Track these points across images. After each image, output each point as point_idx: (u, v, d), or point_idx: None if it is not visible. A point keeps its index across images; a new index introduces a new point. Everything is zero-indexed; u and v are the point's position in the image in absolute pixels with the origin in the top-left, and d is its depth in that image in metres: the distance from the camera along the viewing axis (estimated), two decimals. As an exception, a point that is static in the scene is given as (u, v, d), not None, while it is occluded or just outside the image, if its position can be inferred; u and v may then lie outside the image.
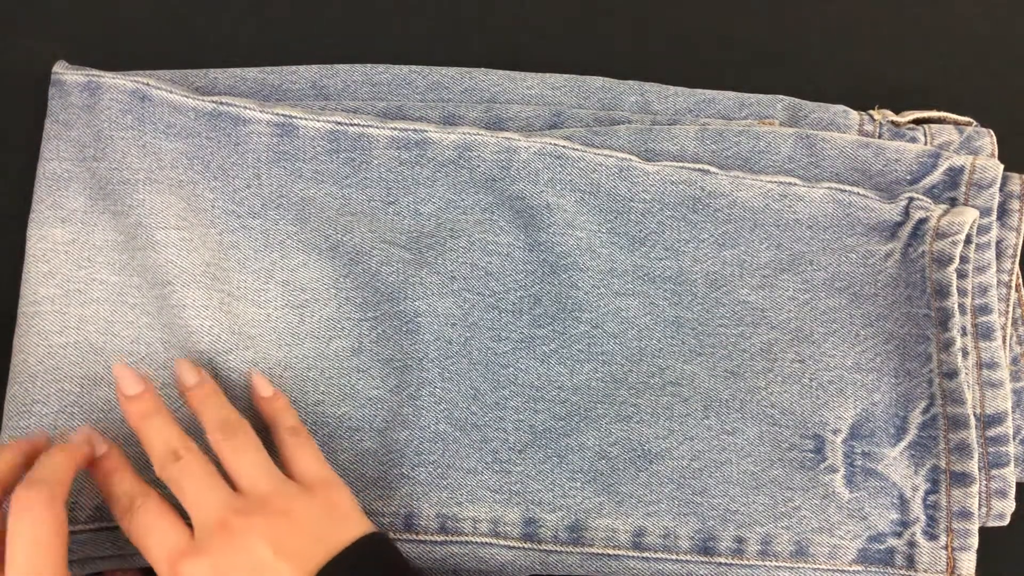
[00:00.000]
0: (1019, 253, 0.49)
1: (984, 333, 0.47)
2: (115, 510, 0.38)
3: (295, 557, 0.35)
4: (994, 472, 0.46)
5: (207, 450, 0.39)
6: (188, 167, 0.46)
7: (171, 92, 0.46)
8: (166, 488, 0.38)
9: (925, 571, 0.45)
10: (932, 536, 0.45)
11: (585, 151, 0.47)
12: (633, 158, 0.47)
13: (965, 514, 0.45)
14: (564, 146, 0.46)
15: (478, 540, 0.44)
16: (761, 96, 0.50)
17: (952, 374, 0.45)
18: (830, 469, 0.46)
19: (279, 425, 0.42)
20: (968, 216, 0.46)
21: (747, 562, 0.45)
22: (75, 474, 0.38)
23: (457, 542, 0.44)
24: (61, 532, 0.35)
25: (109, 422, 0.44)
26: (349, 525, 0.38)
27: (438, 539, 0.44)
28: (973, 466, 0.45)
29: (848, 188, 0.47)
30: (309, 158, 0.46)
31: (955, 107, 0.50)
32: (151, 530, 0.37)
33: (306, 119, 0.46)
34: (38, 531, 0.34)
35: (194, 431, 0.40)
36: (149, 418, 0.39)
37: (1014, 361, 0.48)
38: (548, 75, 0.50)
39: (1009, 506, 0.46)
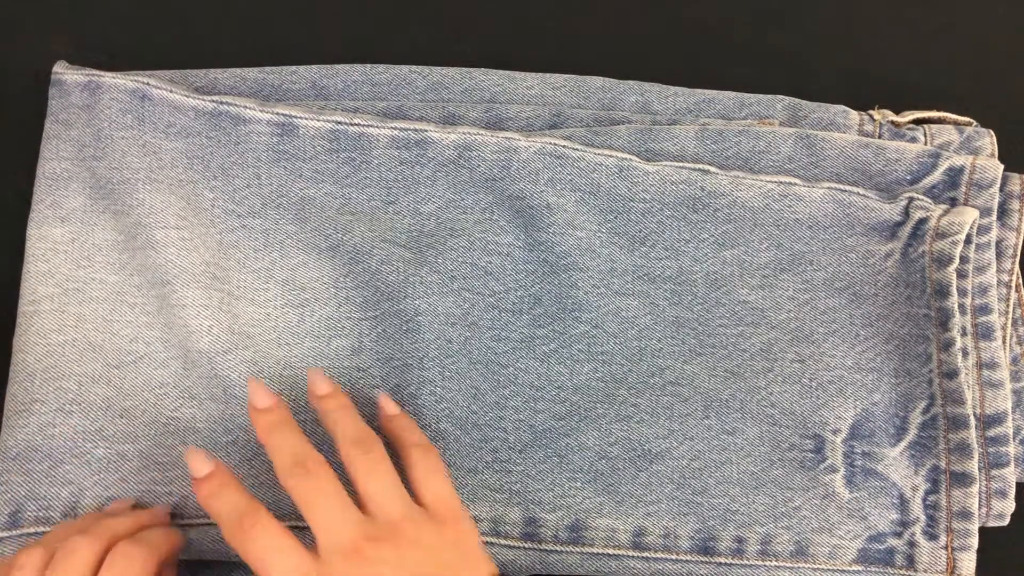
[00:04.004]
0: (1019, 253, 0.49)
1: (984, 333, 0.47)
2: (223, 529, 0.36)
3: None
4: (994, 472, 0.46)
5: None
6: (188, 166, 0.46)
7: (171, 92, 0.46)
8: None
9: (925, 571, 0.45)
10: (932, 536, 0.45)
11: (585, 151, 0.47)
12: (633, 158, 0.47)
13: (965, 514, 0.45)
14: (564, 146, 0.46)
15: (480, 539, 0.44)
16: (761, 96, 0.50)
17: (952, 374, 0.45)
18: (830, 469, 0.46)
19: (406, 442, 0.40)
20: (968, 216, 0.46)
21: (747, 562, 0.45)
22: (169, 554, 0.39)
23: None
24: None
25: (107, 419, 0.44)
26: (478, 565, 0.37)
27: None
28: (973, 466, 0.45)
29: (848, 188, 0.47)
30: (309, 158, 0.46)
31: (955, 107, 0.50)
32: (271, 551, 0.35)
33: (306, 119, 0.46)
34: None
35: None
36: (278, 429, 0.38)
37: (1014, 361, 0.48)
38: (548, 75, 0.50)
39: (1009, 506, 0.46)
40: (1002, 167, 0.48)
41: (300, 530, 0.38)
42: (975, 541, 0.45)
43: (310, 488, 0.36)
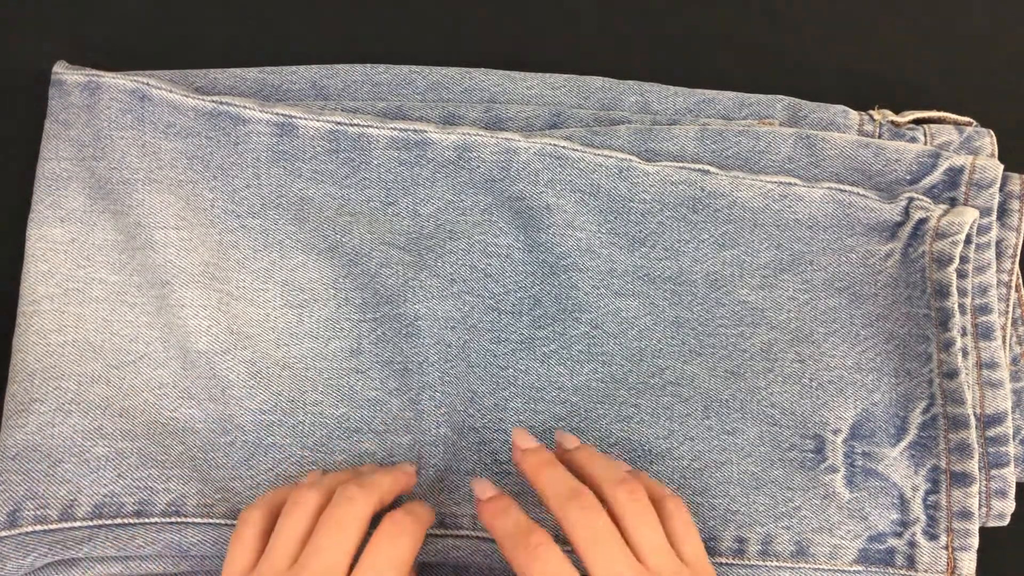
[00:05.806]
0: (1019, 253, 0.49)
1: (984, 333, 0.47)
2: (505, 545, 0.37)
3: None
4: (994, 472, 0.46)
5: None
6: (188, 167, 0.46)
7: (171, 92, 0.46)
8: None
9: (925, 571, 0.45)
10: (932, 536, 0.45)
11: (585, 151, 0.47)
12: (633, 158, 0.47)
13: (965, 514, 0.45)
14: (564, 146, 0.46)
15: (477, 535, 0.44)
16: (761, 96, 0.50)
17: (952, 374, 0.45)
18: (830, 469, 0.46)
19: (661, 494, 0.40)
20: (968, 216, 0.46)
21: (748, 562, 0.45)
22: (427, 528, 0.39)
23: (456, 535, 0.44)
24: (411, 560, 0.37)
25: (106, 418, 0.44)
26: None
27: (437, 532, 0.44)
28: (973, 466, 0.45)
29: (848, 188, 0.47)
30: (308, 158, 0.46)
31: (955, 107, 0.50)
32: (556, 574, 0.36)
33: (306, 119, 0.46)
34: (400, 553, 0.36)
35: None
36: (549, 465, 0.39)
37: (1014, 361, 0.48)
38: (548, 75, 0.50)
39: (1009, 506, 0.46)
40: (1002, 167, 0.48)
41: None
42: (975, 541, 0.45)
43: (592, 523, 0.36)
